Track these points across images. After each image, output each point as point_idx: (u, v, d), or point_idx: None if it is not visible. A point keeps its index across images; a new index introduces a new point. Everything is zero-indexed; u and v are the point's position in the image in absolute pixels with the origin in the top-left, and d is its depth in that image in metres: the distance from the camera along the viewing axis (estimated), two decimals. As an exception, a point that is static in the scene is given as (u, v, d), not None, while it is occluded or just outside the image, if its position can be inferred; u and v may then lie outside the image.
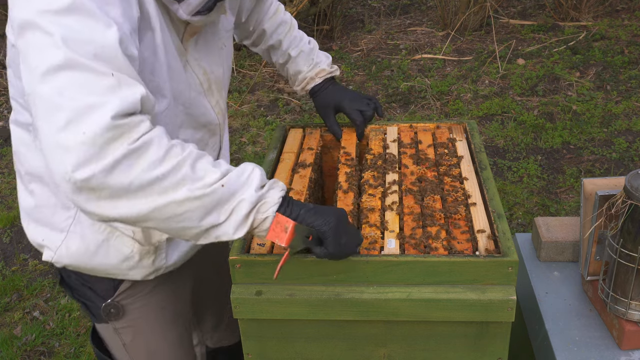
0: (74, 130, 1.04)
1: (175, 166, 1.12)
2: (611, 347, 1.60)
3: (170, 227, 1.16)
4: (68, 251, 1.46)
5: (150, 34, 1.27)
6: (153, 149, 1.10)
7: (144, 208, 1.11)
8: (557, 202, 3.63)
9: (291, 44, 1.89)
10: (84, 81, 1.06)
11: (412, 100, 4.87)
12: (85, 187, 1.06)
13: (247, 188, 1.20)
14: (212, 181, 1.15)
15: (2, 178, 4.30)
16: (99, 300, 1.55)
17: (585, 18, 5.92)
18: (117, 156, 1.06)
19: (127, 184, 1.08)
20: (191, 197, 1.13)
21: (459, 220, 1.49)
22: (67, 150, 1.04)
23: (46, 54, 1.06)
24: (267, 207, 1.23)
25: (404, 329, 1.43)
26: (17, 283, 3.30)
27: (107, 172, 1.06)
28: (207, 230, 1.19)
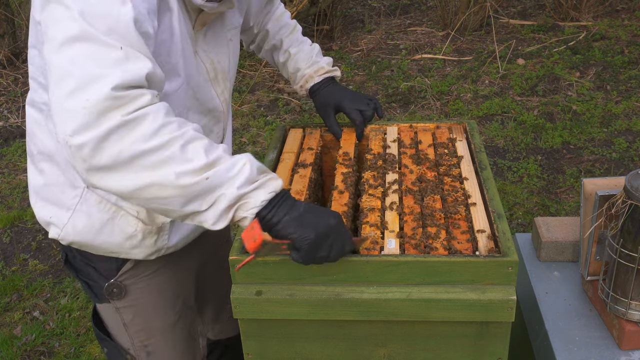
0: (79, 97, 1.10)
1: (166, 143, 1.13)
2: (611, 347, 1.60)
3: (153, 207, 1.20)
4: (74, 229, 1.50)
5: (168, 16, 1.32)
6: (147, 122, 1.12)
7: (130, 184, 1.14)
8: (557, 202, 3.63)
9: (292, 43, 1.92)
10: (94, 53, 1.12)
11: (412, 100, 4.87)
12: (79, 153, 1.12)
13: (231, 184, 1.19)
14: (199, 167, 1.16)
15: (2, 178, 4.30)
16: (102, 280, 1.59)
17: (585, 18, 5.92)
18: (111, 125, 1.10)
19: (116, 155, 1.11)
20: (175, 184, 1.15)
21: (459, 220, 1.49)
22: (70, 114, 1.10)
23: (64, 25, 1.13)
24: (248, 208, 1.22)
25: (404, 329, 1.43)
26: (17, 283, 3.30)
27: (99, 140, 1.10)
28: (189, 215, 1.21)
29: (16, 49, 5.90)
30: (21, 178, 4.28)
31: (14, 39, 5.89)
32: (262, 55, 1.99)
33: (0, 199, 4.06)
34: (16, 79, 5.63)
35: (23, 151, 4.59)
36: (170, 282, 1.68)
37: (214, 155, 1.19)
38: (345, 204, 1.59)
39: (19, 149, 4.62)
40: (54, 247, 3.57)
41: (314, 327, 1.45)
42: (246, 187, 1.21)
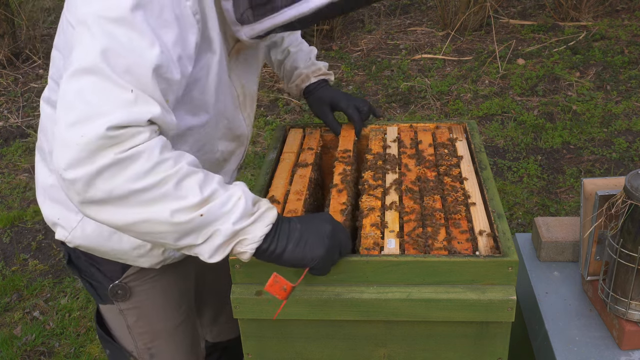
0: (77, 131, 1.09)
1: (160, 182, 1.13)
2: (611, 347, 1.60)
3: (148, 239, 1.21)
4: (83, 233, 1.50)
5: (209, 56, 1.33)
6: (141, 161, 1.12)
7: (123, 219, 1.14)
8: (557, 202, 3.63)
9: (292, 42, 1.93)
10: (103, 89, 1.11)
11: (412, 100, 4.87)
12: (73, 187, 1.11)
13: (226, 220, 1.19)
14: (193, 204, 1.15)
15: (2, 178, 4.30)
16: (107, 281, 1.59)
17: (585, 18, 5.92)
18: (103, 164, 1.09)
19: (108, 192, 1.11)
20: (169, 221, 1.15)
21: (459, 220, 1.49)
22: (66, 147, 1.10)
23: (84, 54, 1.12)
24: (247, 244, 1.22)
25: (404, 329, 1.43)
26: (17, 283, 3.30)
27: (91, 177, 1.10)
28: (184, 248, 1.22)
29: (16, 49, 5.90)
30: (21, 178, 4.28)
31: (14, 39, 5.89)
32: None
33: (0, 199, 4.06)
34: (16, 79, 5.63)
35: (23, 151, 4.59)
36: (174, 284, 1.68)
37: (209, 190, 1.18)
38: (343, 202, 1.59)
39: (19, 149, 4.62)
40: (54, 247, 3.57)
41: (314, 327, 1.45)
42: (242, 222, 1.20)
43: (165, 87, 1.18)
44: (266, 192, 1.66)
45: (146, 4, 1.15)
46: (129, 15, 1.13)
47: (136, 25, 1.13)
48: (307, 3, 1.28)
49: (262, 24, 1.33)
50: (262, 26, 1.33)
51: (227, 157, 1.61)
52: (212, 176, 1.21)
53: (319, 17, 1.32)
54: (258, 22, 1.33)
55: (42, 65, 5.82)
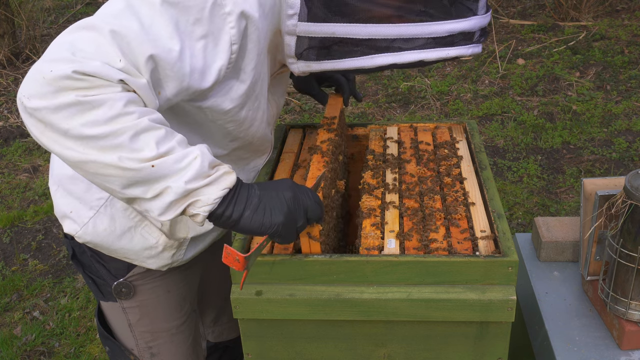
0: (47, 66, 1.10)
1: (116, 132, 1.11)
2: (611, 347, 1.60)
3: (96, 182, 1.18)
4: (95, 229, 1.49)
5: (233, 83, 1.32)
6: (103, 109, 1.10)
7: (74, 155, 1.13)
8: (557, 202, 3.63)
9: None
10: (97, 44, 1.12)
11: (412, 100, 4.87)
12: (33, 115, 1.12)
13: (179, 177, 1.15)
14: (146, 157, 1.13)
15: (2, 178, 4.30)
16: (111, 278, 1.59)
17: (585, 18, 5.92)
18: (63, 101, 1.09)
19: (64, 130, 1.11)
20: (117, 165, 1.12)
21: (459, 220, 1.49)
22: (31, 78, 1.11)
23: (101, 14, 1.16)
24: (200, 206, 1.18)
25: (404, 329, 1.43)
26: (17, 283, 3.30)
27: (50, 112, 1.10)
28: (133, 200, 1.19)
29: (16, 49, 5.90)
30: (21, 178, 4.28)
31: (14, 39, 5.89)
32: None
33: (0, 199, 4.06)
34: (16, 79, 5.63)
35: (23, 151, 4.59)
36: (178, 284, 1.68)
37: (166, 147, 1.15)
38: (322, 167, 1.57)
39: (19, 149, 4.62)
40: (54, 247, 3.57)
41: (314, 327, 1.44)
42: (196, 182, 1.17)
43: (159, 78, 1.18)
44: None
45: (182, 8, 1.17)
46: (161, 6, 1.15)
47: (163, 15, 1.15)
48: (371, 60, 1.29)
49: (321, 65, 1.35)
50: (320, 67, 1.35)
51: (239, 164, 1.62)
52: (174, 134, 1.19)
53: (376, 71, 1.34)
54: (317, 62, 1.35)
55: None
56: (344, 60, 1.32)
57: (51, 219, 3.81)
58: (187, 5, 1.17)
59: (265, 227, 1.24)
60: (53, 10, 6.93)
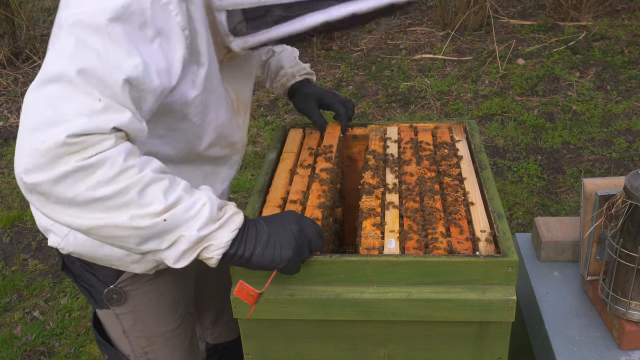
0: (36, 137, 1.08)
1: (123, 189, 1.12)
2: (611, 347, 1.60)
3: (111, 244, 1.19)
4: (76, 240, 1.50)
5: (195, 68, 1.31)
6: (104, 168, 1.11)
7: (85, 223, 1.14)
8: (557, 202, 3.63)
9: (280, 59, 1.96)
10: (70, 96, 1.09)
11: (412, 100, 4.87)
12: (34, 190, 1.11)
13: (191, 226, 1.18)
14: (157, 211, 1.15)
15: (2, 178, 4.30)
16: (101, 286, 1.59)
17: (585, 18, 5.92)
18: (64, 170, 1.08)
19: (70, 198, 1.10)
20: (131, 225, 1.14)
21: (459, 220, 1.49)
22: (25, 152, 1.09)
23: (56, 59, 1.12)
24: (213, 249, 1.22)
25: (404, 329, 1.43)
26: (17, 283, 3.30)
27: (52, 183, 1.09)
28: (149, 252, 1.21)
29: (16, 49, 5.90)
30: (21, 178, 4.28)
31: (14, 39, 5.89)
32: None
33: (0, 199, 4.06)
34: (16, 78, 5.63)
35: (23, 151, 4.59)
36: (170, 288, 1.67)
37: (174, 197, 1.17)
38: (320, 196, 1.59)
39: (19, 149, 4.62)
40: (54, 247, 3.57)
41: (314, 327, 1.44)
42: (207, 228, 1.20)
43: (138, 96, 1.17)
44: (266, 192, 1.66)
45: (127, 18, 1.13)
46: (107, 26, 1.11)
47: (113, 36, 1.12)
48: (301, 21, 1.27)
49: (255, 37, 1.32)
50: (255, 39, 1.33)
51: (217, 163, 1.60)
52: (177, 182, 1.20)
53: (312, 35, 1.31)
54: (251, 35, 1.32)
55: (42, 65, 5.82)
56: (277, 28, 1.30)
57: (51, 219, 3.81)
58: (130, 13, 1.14)
59: (276, 263, 1.29)
60: (53, 10, 6.93)
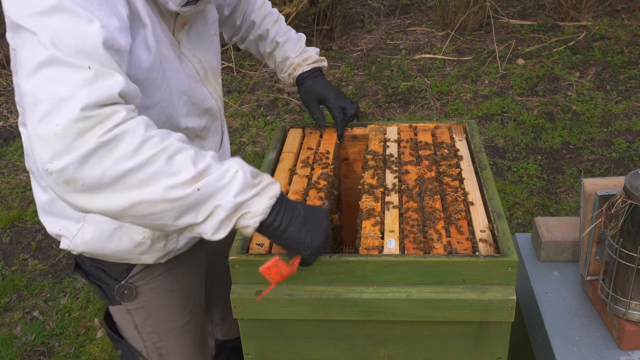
0: (50, 122, 1.05)
1: (150, 159, 1.09)
2: (611, 347, 1.60)
3: (146, 224, 1.16)
4: (83, 239, 1.52)
5: (142, 31, 1.29)
6: (127, 140, 1.08)
7: (119, 204, 1.10)
8: (557, 202, 3.63)
9: (278, 33, 1.91)
10: (62, 76, 1.07)
11: (412, 100, 4.87)
12: (61, 179, 1.07)
13: (225, 194, 1.15)
14: (188, 179, 1.11)
15: (2, 178, 4.30)
16: (113, 282, 1.61)
17: (585, 18, 5.92)
18: (89, 148, 1.06)
19: (99, 177, 1.07)
20: (165, 198, 1.10)
21: (459, 220, 1.49)
22: (45, 141, 1.06)
23: (33, 52, 1.09)
24: (251, 217, 1.19)
25: (404, 329, 1.43)
26: (17, 283, 3.30)
27: (79, 164, 1.06)
28: (186, 228, 1.17)
29: (16, 49, 5.90)
30: (21, 178, 4.28)
31: (14, 39, 5.89)
32: (246, 46, 1.97)
33: (0, 199, 4.06)
34: (16, 79, 5.63)
35: (23, 151, 4.59)
36: (180, 283, 1.69)
37: (203, 164, 1.14)
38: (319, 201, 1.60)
39: (18, 149, 4.62)
40: (54, 247, 3.57)
41: (314, 327, 1.45)
42: (244, 194, 1.17)
43: (118, 59, 1.15)
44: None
45: None
46: (57, 3, 1.10)
47: (66, 9, 1.10)
48: None
49: None
50: None
51: (201, 134, 1.58)
52: (204, 152, 1.17)
53: None
54: None
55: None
56: None
57: (51, 219, 3.81)
58: None
59: (305, 246, 1.28)
60: (53, 10, 6.92)
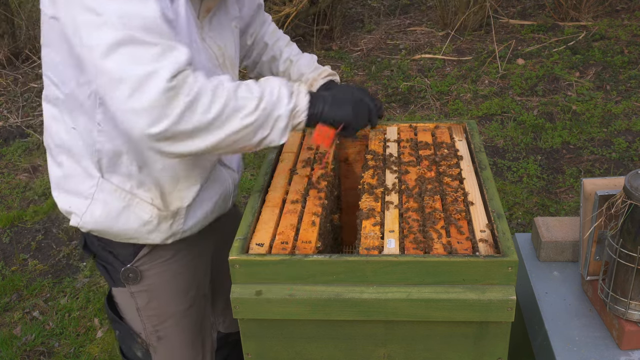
0: (140, 97, 1.26)
1: (223, 104, 1.35)
2: (611, 347, 1.60)
3: (233, 149, 1.43)
4: (92, 216, 1.57)
5: (176, 3, 1.41)
6: (204, 96, 1.32)
7: (211, 141, 1.36)
8: (557, 202, 3.63)
9: (292, 53, 1.97)
10: (138, 54, 1.26)
11: (412, 100, 4.87)
12: (162, 138, 1.31)
13: (281, 105, 1.43)
14: (253, 106, 1.39)
15: (2, 178, 4.30)
16: (119, 264, 1.66)
17: (585, 18, 5.93)
18: (179, 111, 1.29)
19: (192, 128, 1.32)
20: (243, 125, 1.38)
21: (459, 220, 1.49)
22: (139, 113, 1.27)
23: (103, 33, 1.25)
24: (300, 113, 1.47)
25: (404, 329, 1.43)
26: (17, 283, 3.30)
27: (175, 124, 1.30)
28: (260, 142, 1.43)
29: (16, 49, 5.90)
30: (21, 178, 4.28)
31: (14, 39, 5.89)
32: (258, 70, 2.03)
33: (0, 199, 4.06)
34: (16, 79, 5.63)
35: (23, 151, 4.59)
36: (184, 269, 1.73)
37: (257, 91, 1.41)
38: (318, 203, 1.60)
39: (18, 149, 4.62)
40: (54, 247, 3.58)
41: (314, 327, 1.45)
42: (292, 101, 1.45)
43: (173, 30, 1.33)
44: (265, 192, 1.66)
45: None
46: None
47: None
48: None
49: None
50: None
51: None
52: (247, 81, 1.42)
53: None
54: None
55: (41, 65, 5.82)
56: None
57: (51, 218, 3.81)
58: None
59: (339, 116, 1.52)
60: (53, 10, 6.92)
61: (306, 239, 1.46)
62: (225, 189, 1.72)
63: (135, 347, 1.78)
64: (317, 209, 1.57)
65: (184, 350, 1.81)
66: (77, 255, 3.50)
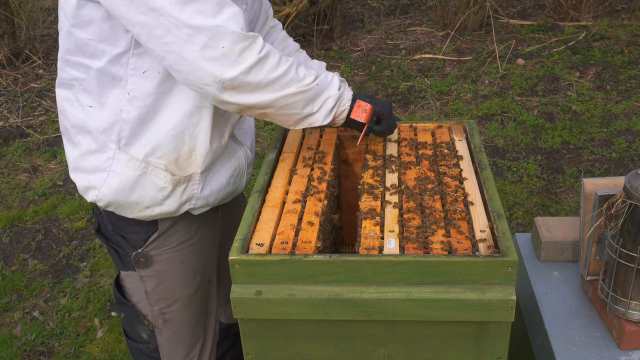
0: (215, 46, 1.42)
1: (287, 69, 1.53)
2: (611, 347, 1.60)
3: (283, 112, 1.58)
4: (109, 188, 1.64)
5: None
6: (272, 57, 1.50)
7: (269, 98, 1.53)
8: (557, 202, 3.63)
9: (300, 59, 1.97)
10: (203, 7, 1.41)
11: (412, 100, 4.87)
12: (230, 86, 1.46)
13: (332, 88, 1.64)
14: (310, 81, 1.57)
15: (2, 178, 4.30)
16: (130, 249, 1.75)
17: (585, 18, 5.93)
18: (251, 62, 1.46)
19: (258, 81, 1.49)
20: (299, 91, 1.55)
21: (459, 220, 1.49)
22: (213, 61, 1.43)
23: None
24: (345, 102, 1.67)
25: (404, 329, 1.43)
26: (17, 283, 3.30)
27: (246, 74, 1.46)
28: (305, 117, 1.61)
29: (16, 49, 5.90)
30: (21, 178, 4.28)
31: (14, 39, 5.89)
32: None
33: (0, 199, 4.06)
34: (16, 79, 5.63)
35: (23, 151, 4.59)
36: (192, 256, 1.81)
37: (313, 70, 1.61)
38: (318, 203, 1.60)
39: (18, 149, 4.62)
40: (54, 247, 3.58)
41: (314, 327, 1.45)
42: (342, 87, 1.67)
43: None
44: (265, 191, 1.66)
45: None
46: None
47: None
48: None
49: None
50: None
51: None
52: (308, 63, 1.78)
53: None
54: None
55: (42, 65, 5.82)
56: None
57: (51, 218, 3.81)
58: None
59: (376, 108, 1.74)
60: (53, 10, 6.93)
61: (306, 239, 1.46)
62: (238, 164, 1.80)
63: (140, 328, 1.85)
64: (317, 209, 1.57)
65: (187, 332, 1.89)
66: (77, 255, 3.50)
